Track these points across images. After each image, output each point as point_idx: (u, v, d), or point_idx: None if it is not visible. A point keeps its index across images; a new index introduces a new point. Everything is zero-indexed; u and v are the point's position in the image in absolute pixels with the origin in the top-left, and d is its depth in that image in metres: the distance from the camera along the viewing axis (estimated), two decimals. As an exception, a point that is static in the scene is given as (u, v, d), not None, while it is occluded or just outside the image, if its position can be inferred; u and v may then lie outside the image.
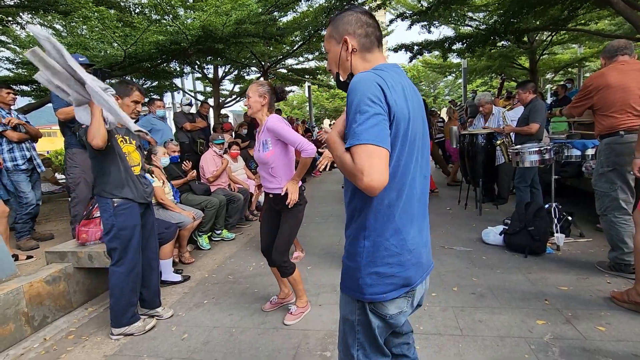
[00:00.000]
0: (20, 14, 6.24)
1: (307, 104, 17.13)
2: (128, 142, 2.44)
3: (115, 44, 4.95)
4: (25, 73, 6.68)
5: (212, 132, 6.92)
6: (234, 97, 12.43)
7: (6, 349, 2.29)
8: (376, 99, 0.91)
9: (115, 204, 2.25)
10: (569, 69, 14.07)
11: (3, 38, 6.79)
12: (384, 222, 1.00)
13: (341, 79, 1.14)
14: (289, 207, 2.27)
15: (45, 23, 7.13)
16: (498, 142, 4.40)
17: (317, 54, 11.43)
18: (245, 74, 12.00)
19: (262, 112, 2.31)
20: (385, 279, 1.01)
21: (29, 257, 3.26)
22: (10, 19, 6.20)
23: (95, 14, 4.51)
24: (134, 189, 2.32)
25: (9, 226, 3.39)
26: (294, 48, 9.78)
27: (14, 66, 6.81)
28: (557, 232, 3.33)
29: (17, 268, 2.73)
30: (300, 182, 2.37)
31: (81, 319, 2.70)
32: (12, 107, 3.72)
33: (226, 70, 11.50)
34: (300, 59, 12.08)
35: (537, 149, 3.50)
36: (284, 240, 2.32)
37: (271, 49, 9.78)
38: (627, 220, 2.66)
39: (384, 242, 1.00)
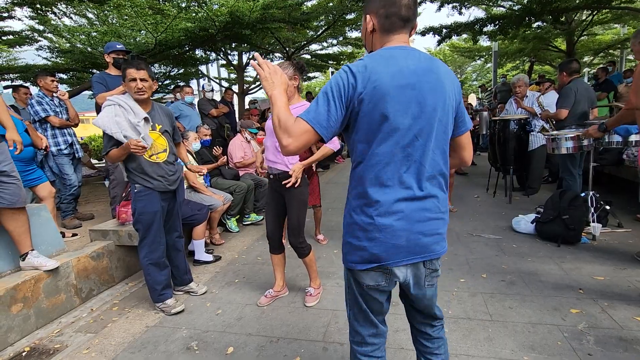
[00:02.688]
0: (57, 3, 6.47)
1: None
2: (152, 129, 2.40)
3: (145, 32, 5.09)
4: (63, 62, 6.99)
5: (237, 119, 7.05)
6: (257, 83, 12.52)
7: (59, 317, 2.50)
8: (336, 90, 1.02)
9: (136, 190, 2.35)
10: (610, 51, 13.19)
11: (41, 27, 7.11)
12: (358, 199, 1.09)
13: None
14: (286, 187, 2.27)
15: (79, 12, 7.38)
16: (540, 128, 4.26)
17: (341, 38, 11.27)
18: (269, 60, 12.00)
19: (296, 94, 2.35)
20: (355, 249, 1.11)
21: (74, 234, 3.49)
22: (48, 9, 6.45)
23: (128, 2, 4.63)
24: (154, 178, 2.35)
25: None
26: (319, 33, 9.68)
27: (52, 55, 7.11)
28: (593, 221, 3.21)
29: (65, 244, 2.93)
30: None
31: (123, 292, 2.88)
32: (54, 94, 3.93)
33: (250, 56, 11.55)
34: (324, 44, 11.95)
35: (573, 134, 3.36)
36: (295, 223, 2.36)
37: (295, 34, 9.72)
38: None
39: (355, 217, 1.10)
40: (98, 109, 3.59)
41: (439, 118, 1.06)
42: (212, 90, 6.46)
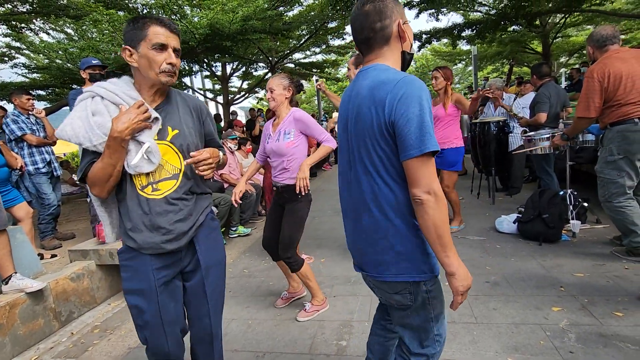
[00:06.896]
0: (34, 20, 6.39)
1: (316, 97, 17.11)
2: (158, 137, 1.26)
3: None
4: (40, 78, 6.87)
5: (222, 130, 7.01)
6: (242, 93, 12.51)
7: (37, 343, 2.41)
8: None
9: (118, 249, 1.36)
10: (584, 52, 13.66)
11: (18, 45, 6.99)
12: None
13: None
14: (299, 195, 2.26)
15: (57, 28, 7.28)
16: (522, 132, 4.36)
17: (324, 47, 11.38)
18: (253, 70, 12.06)
19: (285, 105, 2.37)
20: None
21: (53, 255, 3.40)
22: (24, 25, 6.37)
23: (106, 17, 4.59)
24: (139, 229, 1.25)
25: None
26: (301, 42, 9.77)
27: (28, 71, 6.99)
28: (572, 218, 3.28)
29: (42, 266, 2.85)
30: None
31: (105, 313, 2.81)
32: (30, 112, 3.85)
33: (234, 67, 11.56)
34: (308, 52, 12.06)
35: (549, 135, 3.45)
36: (285, 236, 2.32)
37: (278, 44, 9.78)
38: (631, 203, 2.66)
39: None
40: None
41: (364, 146, 1.04)
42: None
